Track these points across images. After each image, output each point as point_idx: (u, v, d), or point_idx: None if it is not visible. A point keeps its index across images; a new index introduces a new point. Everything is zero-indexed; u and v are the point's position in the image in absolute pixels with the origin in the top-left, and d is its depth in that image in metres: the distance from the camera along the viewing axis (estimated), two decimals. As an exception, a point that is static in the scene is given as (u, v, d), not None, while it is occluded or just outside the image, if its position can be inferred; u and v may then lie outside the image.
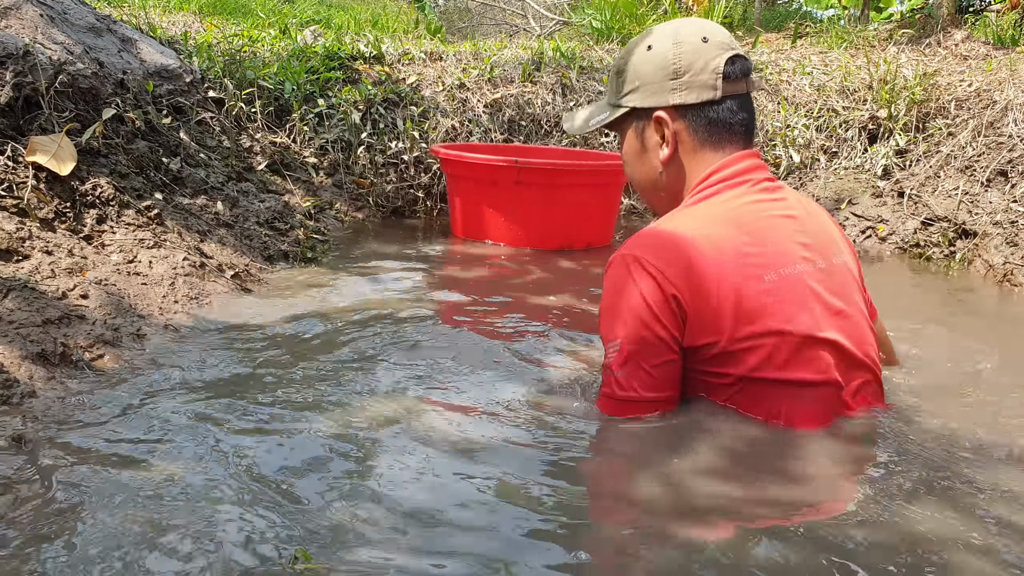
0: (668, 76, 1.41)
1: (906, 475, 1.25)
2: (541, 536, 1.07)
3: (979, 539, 1.09)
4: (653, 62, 1.42)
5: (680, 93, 1.41)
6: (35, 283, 1.70)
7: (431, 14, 8.91)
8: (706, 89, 1.40)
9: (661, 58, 1.41)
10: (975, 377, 1.81)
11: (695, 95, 1.40)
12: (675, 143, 1.43)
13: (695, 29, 1.42)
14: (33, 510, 1.08)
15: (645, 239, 1.36)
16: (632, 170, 1.52)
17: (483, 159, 2.95)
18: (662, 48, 1.41)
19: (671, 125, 1.42)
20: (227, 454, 1.25)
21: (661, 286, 1.29)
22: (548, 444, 1.32)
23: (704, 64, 1.39)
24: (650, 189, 1.51)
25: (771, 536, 1.08)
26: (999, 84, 3.59)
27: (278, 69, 3.55)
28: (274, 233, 2.68)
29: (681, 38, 1.41)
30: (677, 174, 1.46)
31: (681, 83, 1.40)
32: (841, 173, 3.67)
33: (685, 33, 1.41)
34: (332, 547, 1.02)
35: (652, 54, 1.42)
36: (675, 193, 1.47)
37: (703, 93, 1.40)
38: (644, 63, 1.43)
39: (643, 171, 1.50)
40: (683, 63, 1.40)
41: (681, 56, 1.40)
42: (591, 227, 3.09)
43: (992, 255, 2.89)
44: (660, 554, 1.04)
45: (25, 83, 2.20)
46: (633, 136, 1.48)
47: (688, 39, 1.40)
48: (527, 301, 2.27)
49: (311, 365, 1.65)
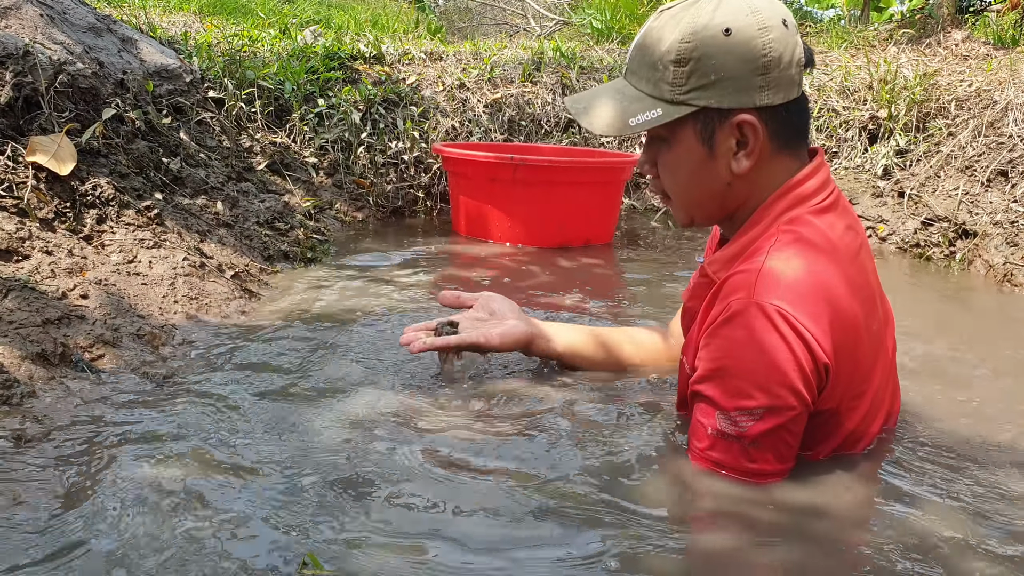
0: (757, 71, 1.15)
1: (908, 477, 1.25)
2: (554, 543, 1.06)
3: (982, 540, 1.09)
4: (736, 53, 1.14)
5: (768, 92, 1.16)
6: (35, 283, 1.70)
7: (431, 14, 8.91)
8: (792, 86, 1.18)
9: (747, 48, 1.14)
10: (975, 378, 1.81)
11: (782, 94, 1.17)
12: (758, 153, 1.19)
13: (773, 7, 1.17)
14: (33, 511, 1.08)
15: (787, 288, 1.11)
16: (685, 180, 1.25)
17: (481, 156, 2.97)
18: (747, 34, 1.14)
19: (758, 131, 1.18)
20: (229, 455, 1.25)
21: (814, 353, 1.10)
22: (564, 447, 1.32)
23: (791, 56, 1.16)
24: (707, 202, 1.26)
25: (778, 539, 1.08)
26: (999, 84, 3.59)
27: (278, 69, 3.55)
28: (274, 233, 2.68)
29: (765, 20, 1.15)
30: (751, 186, 1.22)
31: (770, 80, 1.16)
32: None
33: (766, 13, 1.15)
34: (341, 551, 1.01)
35: (734, 41, 1.14)
36: (737, 208, 1.25)
37: (789, 91, 1.18)
38: (724, 52, 1.14)
39: (705, 182, 1.23)
40: (774, 55, 1.15)
41: (771, 46, 1.14)
42: (590, 225, 3.09)
43: (992, 255, 2.89)
44: (659, 552, 1.04)
45: (25, 83, 2.19)
46: (695, 140, 1.20)
47: (772, 21, 1.15)
48: (527, 301, 2.27)
49: (312, 365, 1.65)
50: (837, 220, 1.22)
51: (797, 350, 1.09)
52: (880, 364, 1.24)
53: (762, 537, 1.08)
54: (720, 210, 1.26)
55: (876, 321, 1.22)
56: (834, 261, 1.16)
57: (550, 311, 2.18)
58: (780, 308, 1.09)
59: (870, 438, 1.26)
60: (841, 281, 1.15)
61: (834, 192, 1.24)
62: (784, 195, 1.20)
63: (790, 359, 1.09)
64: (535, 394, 1.53)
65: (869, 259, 1.27)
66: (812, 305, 1.10)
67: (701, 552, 1.06)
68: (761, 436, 1.12)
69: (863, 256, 1.24)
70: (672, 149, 1.23)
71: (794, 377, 1.09)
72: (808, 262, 1.14)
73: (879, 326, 1.24)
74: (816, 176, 1.22)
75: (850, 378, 1.16)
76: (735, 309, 1.12)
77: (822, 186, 1.22)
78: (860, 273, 1.20)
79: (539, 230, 3.01)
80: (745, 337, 1.11)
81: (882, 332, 1.26)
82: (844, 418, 1.20)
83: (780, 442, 1.13)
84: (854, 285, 1.17)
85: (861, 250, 1.24)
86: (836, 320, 1.12)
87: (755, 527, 1.09)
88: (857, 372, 1.18)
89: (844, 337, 1.13)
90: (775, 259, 1.14)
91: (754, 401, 1.11)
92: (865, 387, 1.20)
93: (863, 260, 1.23)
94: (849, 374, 1.16)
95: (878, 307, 1.25)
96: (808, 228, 1.18)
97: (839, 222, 1.22)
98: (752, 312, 1.10)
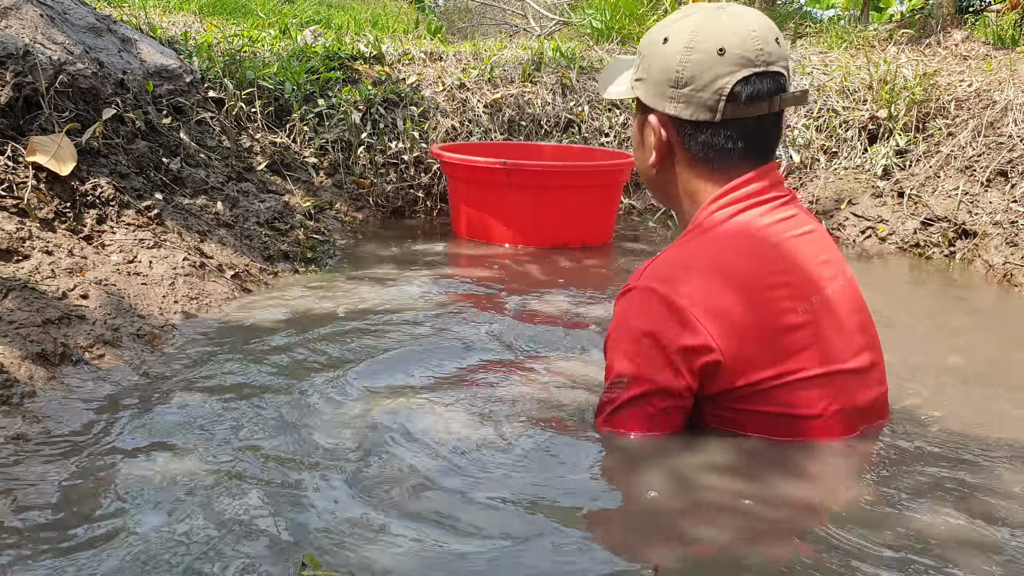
0: (669, 82, 1.27)
1: (909, 478, 1.25)
2: (551, 541, 1.06)
3: (983, 541, 1.09)
4: (659, 60, 1.28)
5: (676, 104, 1.27)
6: (35, 283, 1.70)
7: (431, 14, 8.91)
8: (703, 109, 1.26)
9: (668, 59, 1.26)
10: (974, 377, 1.81)
11: (691, 111, 1.27)
12: (664, 151, 1.32)
13: (717, 34, 1.24)
14: (33, 511, 1.08)
15: (670, 271, 1.24)
16: (635, 156, 1.43)
17: (475, 160, 2.98)
18: (674, 48, 1.26)
19: (662, 133, 1.31)
20: (230, 455, 1.25)
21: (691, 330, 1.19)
22: (555, 449, 1.32)
23: (710, 80, 1.24)
24: (646, 179, 1.42)
25: (777, 538, 1.08)
26: (999, 84, 3.59)
27: (278, 69, 3.55)
28: (274, 233, 2.68)
29: (696, 42, 1.24)
30: (669, 179, 1.36)
31: (680, 94, 1.26)
32: (841, 173, 3.67)
33: (704, 36, 1.24)
34: (340, 552, 1.01)
35: (664, 50, 1.27)
36: (670, 195, 1.38)
37: (699, 112, 1.26)
38: (654, 56, 1.29)
39: (640, 161, 1.39)
40: (686, 73, 1.25)
41: (687, 65, 1.24)
42: (585, 226, 3.10)
43: (992, 255, 2.89)
44: (668, 554, 1.04)
45: (25, 83, 2.20)
46: (636, 123, 1.39)
47: (703, 45, 1.24)
48: (526, 301, 2.27)
49: (312, 366, 1.65)
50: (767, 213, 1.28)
51: (665, 327, 1.20)
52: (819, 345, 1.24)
53: (754, 534, 1.08)
54: (659, 195, 1.42)
55: (807, 304, 1.24)
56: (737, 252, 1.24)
57: (548, 311, 2.18)
58: (655, 288, 1.22)
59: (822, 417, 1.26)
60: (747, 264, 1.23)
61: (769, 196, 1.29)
62: (709, 204, 1.30)
63: (657, 335, 1.21)
64: (536, 395, 1.53)
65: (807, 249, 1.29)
66: (693, 286, 1.21)
67: (694, 550, 1.06)
68: (626, 403, 1.25)
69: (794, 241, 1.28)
70: (633, 128, 1.42)
71: (658, 353, 1.21)
72: (697, 254, 1.26)
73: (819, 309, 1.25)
74: (741, 190, 1.29)
75: (756, 354, 1.21)
76: (623, 290, 1.29)
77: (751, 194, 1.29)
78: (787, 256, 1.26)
79: (534, 232, 3.03)
80: (622, 314, 1.27)
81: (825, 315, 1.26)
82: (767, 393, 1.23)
83: (643, 413, 1.24)
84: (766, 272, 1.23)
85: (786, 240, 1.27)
86: (727, 300, 1.20)
87: (749, 522, 1.10)
88: (763, 349, 1.21)
89: (741, 317, 1.20)
90: (670, 249, 1.31)
91: (621, 370, 1.25)
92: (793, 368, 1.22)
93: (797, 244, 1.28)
94: (753, 351, 1.21)
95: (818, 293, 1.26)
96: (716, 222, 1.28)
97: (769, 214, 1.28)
98: (632, 293, 1.26)
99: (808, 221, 1.33)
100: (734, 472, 1.22)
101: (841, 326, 1.28)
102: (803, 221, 1.32)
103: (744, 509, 1.13)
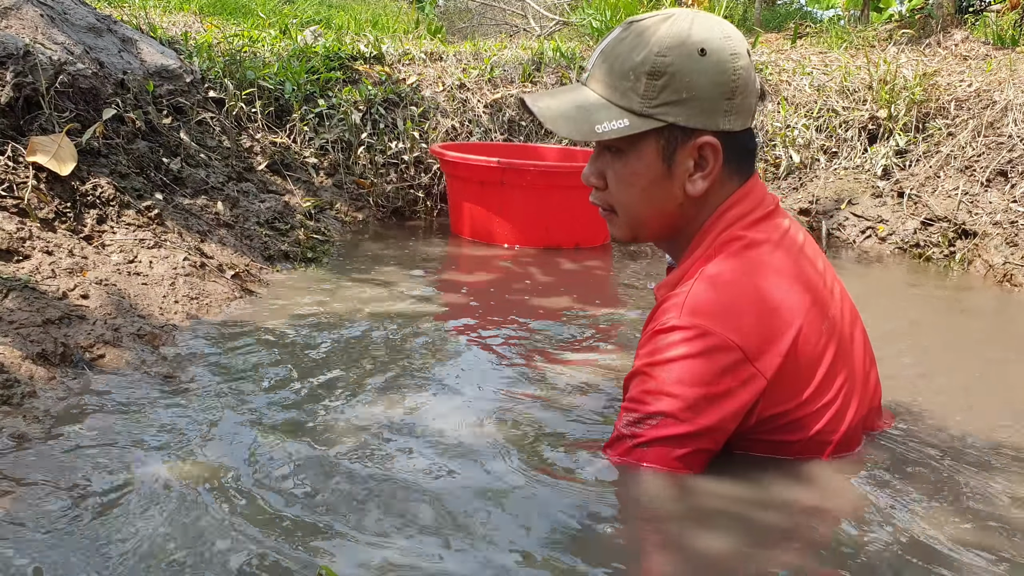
0: (725, 95, 1.15)
1: (909, 479, 1.25)
2: (560, 548, 1.06)
3: (984, 543, 1.09)
4: (709, 74, 1.14)
5: (731, 117, 1.16)
6: (35, 283, 1.70)
7: (431, 14, 8.91)
8: (750, 115, 1.19)
9: (719, 70, 1.14)
10: (972, 378, 1.81)
11: (741, 121, 1.18)
12: (715, 175, 1.19)
13: (734, 32, 1.17)
14: (33, 512, 1.08)
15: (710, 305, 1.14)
16: (638, 195, 1.22)
17: (471, 159, 2.99)
18: (720, 57, 1.14)
19: (720, 154, 1.18)
20: (231, 457, 1.24)
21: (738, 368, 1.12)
22: (556, 454, 1.32)
23: (753, 85, 1.18)
24: (655, 220, 1.24)
25: (776, 546, 1.08)
26: (999, 84, 3.59)
27: (278, 69, 3.55)
28: (274, 233, 2.68)
29: (736, 46, 1.16)
30: (699, 209, 1.22)
31: (734, 105, 1.16)
32: (841, 173, 3.67)
33: (737, 39, 1.16)
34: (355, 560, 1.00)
35: (708, 62, 1.14)
36: (680, 228, 1.25)
37: (747, 119, 1.18)
38: (698, 72, 1.14)
39: (657, 199, 1.21)
40: (740, 82, 1.15)
41: (740, 73, 1.15)
42: (579, 227, 3.10)
43: (992, 255, 2.89)
44: (668, 560, 1.04)
45: (25, 83, 2.20)
46: (655, 156, 1.19)
47: (740, 49, 1.16)
48: (525, 301, 2.27)
49: (312, 366, 1.65)
50: (781, 222, 1.24)
51: (714, 371, 1.12)
52: (843, 358, 1.22)
53: (753, 539, 1.08)
54: (665, 229, 1.26)
55: (828, 318, 1.22)
56: (772, 271, 1.18)
57: (547, 312, 2.18)
58: (704, 327, 1.12)
59: (841, 437, 1.23)
60: (777, 291, 1.16)
61: (773, 203, 1.26)
62: (724, 213, 1.21)
63: (704, 378, 1.12)
64: (538, 396, 1.53)
65: (817, 257, 1.27)
66: (742, 322, 1.12)
67: (693, 553, 1.06)
68: (656, 441, 1.15)
69: (808, 252, 1.25)
70: (628, 163, 1.21)
71: (699, 394, 1.12)
72: (738, 279, 1.16)
73: (835, 322, 1.23)
74: (755, 193, 1.23)
75: (795, 381, 1.16)
76: (663, 326, 1.16)
77: (761, 200, 1.24)
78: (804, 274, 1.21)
79: (528, 232, 3.04)
80: (664, 350, 1.14)
81: (842, 327, 1.24)
82: (801, 419, 1.19)
83: (671, 454, 1.15)
84: (795, 290, 1.18)
85: (804, 248, 1.25)
86: (766, 333, 1.13)
87: (749, 529, 1.10)
88: (801, 376, 1.17)
89: (779, 348, 1.14)
90: (705, 280, 1.17)
91: (660, 408, 1.14)
92: (821, 387, 1.19)
93: (809, 260, 1.24)
94: (793, 379, 1.16)
95: (832, 304, 1.24)
96: (742, 244, 1.19)
97: (781, 223, 1.24)
98: (678, 331, 1.14)
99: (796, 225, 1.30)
100: (733, 478, 1.22)
101: (852, 340, 1.26)
102: (797, 226, 1.29)
103: (743, 515, 1.13)
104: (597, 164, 1.25)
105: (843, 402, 1.22)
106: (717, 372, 1.12)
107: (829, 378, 1.20)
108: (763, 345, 1.13)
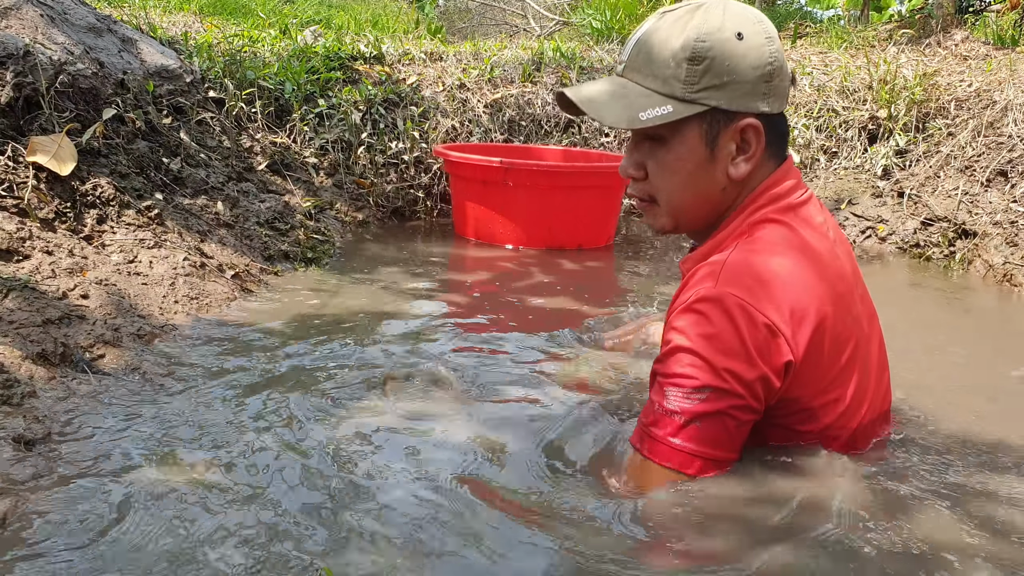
0: (763, 78, 1.17)
1: (909, 480, 1.25)
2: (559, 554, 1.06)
3: (984, 544, 1.09)
4: (748, 57, 1.16)
5: (770, 99, 1.19)
6: (35, 283, 1.70)
7: (431, 14, 8.91)
8: (784, 98, 1.22)
9: (757, 54, 1.17)
10: (973, 378, 1.81)
11: (778, 104, 1.20)
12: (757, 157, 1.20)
13: (767, 21, 1.21)
14: (33, 512, 1.08)
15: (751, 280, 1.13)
16: (682, 182, 1.23)
17: (475, 159, 2.99)
18: (757, 41, 1.17)
19: (762, 136, 1.19)
20: (231, 457, 1.24)
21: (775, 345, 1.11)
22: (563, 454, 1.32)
23: (786, 69, 1.21)
24: (698, 206, 1.25)
25: (779, 542, 1.08)
26: (999, 84, 3.59)
27: (278, 69, 3.55)
28: (274, 233, 2.68)
29: (769, 31, 1.19)
30: (739, 192, 1.23)
31: (772, 88, 1.19)
32: (841, 173, 3.67)
33: (768, 25, 1.20)
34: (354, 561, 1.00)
35: (746, 46, 1.16)
36: (721, 214, 1.25)
37: (783, 102, 1.21)
38: (738, 56, 1.16)
39: (701, 184, 1.22)
40: (777, 65, 1.18)
41: (776, 56, 1.18)
42: (582, 228, 3.10)
43: (992, 255, 2.89)
44: (664, 560, 1.04)
45: (25, 83, 2.20)
46: (699, 140, 1.19)
47: (772, 33, 1.19)
48: (527, 301, 2.27)
49: (313, 366, 1.65)
50: (815, 214, 1.24)
51: (751, 341, 1.10)
52: (859, 359, 1.22)
53: (756, 536, 1.08)
54: (709, 215, 1.25)
55: (851, 315, 1.22)
56: (804, 256, 1.17)
57: (546, 313, 2.18)
58: (741, 299, 1.11)
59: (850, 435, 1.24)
60: (808, 275, 1.15)
61: (807, 190, 1.26)
62: (759, 195, 1.22)
63: (743, 349, 1.10)
64: (539, 397, 1.53)
65: (847, 256, 1.27)
66: (774, 297, 1.12)
67: (697, 553, 1.06)
68: (703, 416, 1.11)
69: (838, 251, 1.25)
70: (672, 149, 1.21)
71: (744, 366, 1.10)
72: (773, 256, 1.15)
73: (857, 321, 1.23)
74: (789, 177, 1.23)
75: (815, 367, 1.15)
76: (697, 297, 1.14)
77: (795, 185, 1.24)
78: (833, 267, 1.21)
79: (531, 233, 3.04)
80: (704, 323, 1.12)
81: (862, 327, 1.24)
82: (814, 410, 1.19)
83: (721, 428, 1.12)
84: (825, 280, 1.17)
85: (836, 246, 1.25)
86: (798, 312, 1.12)
87: (749, 529, 1.10)
88: (822, 363, 1.17)
89: (807, 330, 1.13)
90: (741, 252, 1.16)
91: (700, 380, 1.11)
92: (837, 379, 1.18)
93: (838, 255, 1.23)
94: (814, 364, 1.15)
95: (855, 303, 1.24)
96: (777, 225, 1.19)
97: (815, 216, 1.24)
98: (713, 302, 1.12)
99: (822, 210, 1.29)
100: (736, 477, 1.22)
101: (870, 342, 1.26)
102: (822, 209, 1.29)
103: (746, 514, 1.13)
104: (636, 155, 1.26)
105: (855, 400, 1.22)
106: (760, 344, 1.11)
107: (846, 373, 1.20)
108: (794, 324, 1.13)
